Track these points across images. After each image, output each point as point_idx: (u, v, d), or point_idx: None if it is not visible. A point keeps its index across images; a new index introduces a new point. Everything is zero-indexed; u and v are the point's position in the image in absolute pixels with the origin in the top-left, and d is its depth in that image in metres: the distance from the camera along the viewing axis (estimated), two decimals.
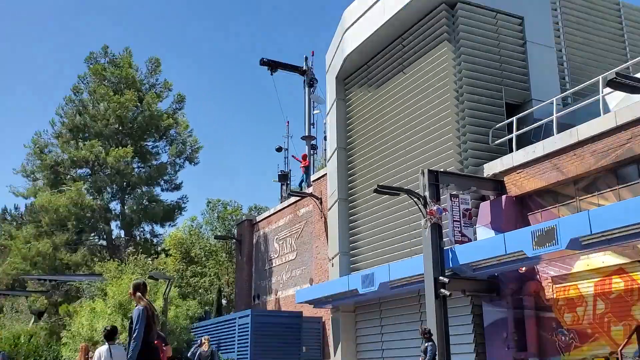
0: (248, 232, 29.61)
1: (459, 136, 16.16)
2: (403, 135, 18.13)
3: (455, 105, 16.37)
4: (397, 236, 17.78)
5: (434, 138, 16.82)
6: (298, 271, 24.79)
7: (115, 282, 24.62)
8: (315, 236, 23.32)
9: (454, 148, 16.07)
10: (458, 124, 16.23)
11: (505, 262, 13.06)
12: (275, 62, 33.07)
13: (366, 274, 16.89)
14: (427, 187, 14.18)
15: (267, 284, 27.35)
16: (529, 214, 14.50)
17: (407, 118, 18.03)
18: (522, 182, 14.50)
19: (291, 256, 25.51)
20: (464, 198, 14.86)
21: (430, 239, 13.84)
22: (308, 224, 24.39)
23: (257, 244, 28.94)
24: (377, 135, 19.36)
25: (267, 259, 27.72)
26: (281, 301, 25.79)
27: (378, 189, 14.63)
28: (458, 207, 14.66)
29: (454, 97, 16.41)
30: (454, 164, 15.83)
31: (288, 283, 25.46)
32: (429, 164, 16.32)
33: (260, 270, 28.29)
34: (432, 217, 13.85)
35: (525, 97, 16.94)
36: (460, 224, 14.55)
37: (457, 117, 16.29)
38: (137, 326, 7.40)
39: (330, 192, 21.31)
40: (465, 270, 14.03)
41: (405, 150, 17.98)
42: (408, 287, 15.95)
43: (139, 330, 7.39)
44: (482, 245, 13.53)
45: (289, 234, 25.90)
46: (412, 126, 17.80)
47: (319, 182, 23.57)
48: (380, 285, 16.19)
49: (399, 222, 17.77)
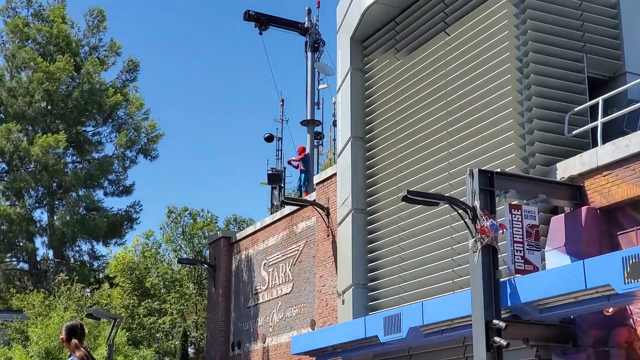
0: (225, 255, 29.69)
1: (523, 123, 16.16)
2: (444, 122, 18.15)
3: (518, 80, 16.36)
4: (434, 263, 17.79)
5: (486, 126, 16.82)
6: (295, 310, 24.84)
7: (41, 322, 24.77)
8: (319, 262, 23.38)
9: (515, 140, 16.07)
10: (521, 107, 16.23)
11: (586, 301, 13.03)
12: (266, 17, 33.15)
13: (390, 315, 16.87)
14: (478, 194, 14.17)
15: (251, 326, 27.42)
16: (619, 234, 14.48)
17: (450, 97, 18.04)
18: (611, 189, 14.49)
19: (285, 289, 25.57)
20: (528, 210, 14.86)
21: (480, 267, 13.82)
22: (309, 244, 24.44)
23: (238, 271, 29.01)
24: (408, 121, 19.38)
25: (251, 293, 27.78)
26: (271, 351, 25.85)
27: (408, 196, 14.63)
28: (520, 222, 14.65)
29: (516, 69, 16.41)
30: (515, 163, 15.83)
31: (281, 326, 25.52)
32: (479, 162, 16.33)
33: (241, 307, 28.36)
34: (484, 237, 13.84)
35: (616, 70, 16.92)
36: (523, 246, 14.54)
37: (520, 96, 16.28)
38: None
39: (342, 200, 21.36)
40: (529, 311, 14.01)
41: (446, 142, 17.98)
42: (449, 334, 15.93)
43: None
44: (553, 276, 13.50)
45: (283, 258, 25.95)
46: (455, 109, 17.81)
47: (325, 186, 23.62)
48: (410, 331, 16.18)
49: (437, 244, 17.78)
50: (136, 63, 40.68)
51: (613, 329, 14.19)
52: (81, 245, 39.57)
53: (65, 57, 36.96)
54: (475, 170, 14.44)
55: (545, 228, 15.23)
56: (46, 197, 37.85)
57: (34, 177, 36.12)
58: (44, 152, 34.94)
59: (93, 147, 39.52)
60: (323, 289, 22.83)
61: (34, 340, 23.82)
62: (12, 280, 39.48)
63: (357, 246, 20.38)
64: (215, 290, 29.73)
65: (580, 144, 16.00)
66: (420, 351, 18.38)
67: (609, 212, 14.69)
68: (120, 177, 39.92)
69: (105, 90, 38.45)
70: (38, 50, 38.50)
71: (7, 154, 36.31)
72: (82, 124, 39.36)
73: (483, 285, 13.77)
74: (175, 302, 36.57)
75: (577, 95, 16.47)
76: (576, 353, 14.35)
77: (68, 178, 36.85)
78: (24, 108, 36.75)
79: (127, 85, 40.54)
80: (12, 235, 36.48)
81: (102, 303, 31.05)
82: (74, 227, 36.36)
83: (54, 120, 37.92)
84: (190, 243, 39.62)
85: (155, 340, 34.11)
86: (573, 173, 15.17)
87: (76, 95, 37.34)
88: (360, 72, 21.53)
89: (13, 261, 40.79)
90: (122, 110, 39.71)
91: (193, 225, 40.00)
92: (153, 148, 39.97)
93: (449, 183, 17.41)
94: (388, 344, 17.39)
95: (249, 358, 26.97)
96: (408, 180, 18.84)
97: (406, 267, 18.75)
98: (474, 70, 17.43)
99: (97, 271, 41.12)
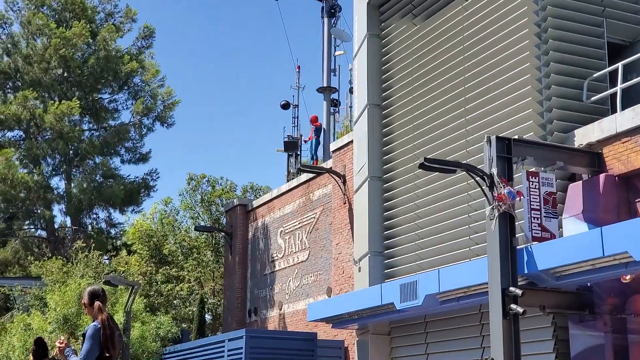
0: (241, 223, 29.85)
1: (541, 90, 16.07)
2: (461, 88, 18.08)
3: (536, 46, 16.25)
4: (451, 230, 17.83)
5: (504, 93, 16.75)
6: (311, 277, 24.99)
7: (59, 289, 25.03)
8: (335, 229, 23.46)
9: (533, 107, 16.00)
10: (539, 73, 16.14)
11: (603, 268, 13.04)
12: None
13: (407, 282, 16.96)
14: (495, 160, 14.16)
15: (267, 294, 27.61)
16: (637, 201, 14.44)
17: (467, 63, 17.95)
18: (630, 156, 14.42)
19: (302, 256, 25.71)
20: (546, 177, 14.83)
21: (497, 234, 13.85)
22: (325, 212, 24.52)
23: (254, 239, 29.17)
24: (424, 88, 19.32)
25: (267, 260, 27.95)
26: (287, 318, 26.05)
27: (425, 163, 14.64)
28: (538, 190, 14.64)
29: (534, 34, 16.29)
30: (533, 129, 15.77)
31: (297, 294, 25.69)
32: (497, 129, 16.28)
33: (258, 275, 28.55)
34: (501, 204, 13.84)
35: (636, 35, 16.80)
36: (540, 213, 14.54)
37: (538, 62, 16.18)
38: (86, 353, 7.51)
39: (358, 168, 21.38)
40: (546, 278, 14.04)
41: (463, 109, 17.93)
42: (465, 302, 16.01)
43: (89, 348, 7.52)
44: (570, 243, 13.51)
45: (299, 226, 26.06)
46: (473, 75, 17.72)
47: (341, 153, 23.63)
48: (426, 298, 16.27)
49: (454, 211, 17.80)
50: (152, 30, 40.62)
51: (630, 296, 14.21)
52: (98, 212, 39.85)
53: (80, 24, 36.91)
54: (492, 137, 14.41)
55: (562, 195, 15.21)
56: (63, 164, 38.04)
57: (50, 144, 36.27)
58: (58, 119, 35.03)
59: (109, 115, 39.62)
60: (339, 256, 22.93)
61: (52, 306, 24.10)
62: (30, 248, 39.89)
63: (373, 214, 20.43)
64: (232, 257, 29.92)
65: (599, 110, 15.92)
66: (436, 318, 18.48)
67: (627, 179, 14.64)
68: (137, 144, 40.04)
69: (121, 57, 38.44)
70: (53, 17, 38.50)
71: (23, 122, 36.47)
72: (98, 91, 39.43)
73: (500, 253, 13.81)
74: (192, 269, 36.86)
75: (597, 61, 16.35)
76: (593, 320, 14.40)
77: (84, 145, 36.98)
78: (40, 75, 36.82)
79: (142, 52, 40.52)
80: (30, 203, 36.75)
81: (119, 270, 31.34)
82: (91, 194, 36.56)
83: (70, 87, 38.00)
84: (209, 211, 39.80)
85: (172, 307, 34.44)
86: (591, 140, 15.10)
87: (92, 62, 37.37)
88: (377, 38, 21.44)
89: (31, 229, 41.21)
90: (138, 78, 39.73)
91: (212, 192, 40.14)
92: (169, 115, 40.01)
93: (466, 150, 17.39)
94: (404, 311, 17.49)
95: (266, 325, 27.21)
96: (425, 147, 18.82)
97: (422, 234, 18.80)
98: (492, 35, 17.31)
99: (114, 238, 41.46)
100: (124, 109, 40.10)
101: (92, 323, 7.83)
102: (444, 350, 18.30)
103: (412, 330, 19.35)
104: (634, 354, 14.09)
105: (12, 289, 31.22)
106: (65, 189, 38.08)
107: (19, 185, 35.36)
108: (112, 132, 38.46)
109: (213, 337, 26.77)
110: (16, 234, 39.47)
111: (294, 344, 22.15)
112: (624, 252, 12.32)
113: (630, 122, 14.39)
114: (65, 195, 37.67)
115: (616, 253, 12.49)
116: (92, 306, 7.83)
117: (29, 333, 24.39)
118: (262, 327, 27.17)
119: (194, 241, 38.45)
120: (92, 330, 7.68)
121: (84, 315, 22.81)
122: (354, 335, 21.45)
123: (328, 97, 32.16)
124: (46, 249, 38.65)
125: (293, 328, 25.26)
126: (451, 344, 18.07)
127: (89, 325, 7.84)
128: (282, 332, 25.04)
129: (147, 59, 40.24)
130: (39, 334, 23.46)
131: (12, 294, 31.52)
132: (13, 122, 36.55)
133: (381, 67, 21.15)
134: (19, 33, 38.63)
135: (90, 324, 7.87)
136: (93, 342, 7.61)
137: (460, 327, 17.80)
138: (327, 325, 21.88)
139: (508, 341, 13.56)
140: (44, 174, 37.39)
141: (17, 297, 30.93)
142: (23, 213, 37.93)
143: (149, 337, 24.48)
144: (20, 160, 37.20)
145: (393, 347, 20.13)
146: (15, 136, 38.65)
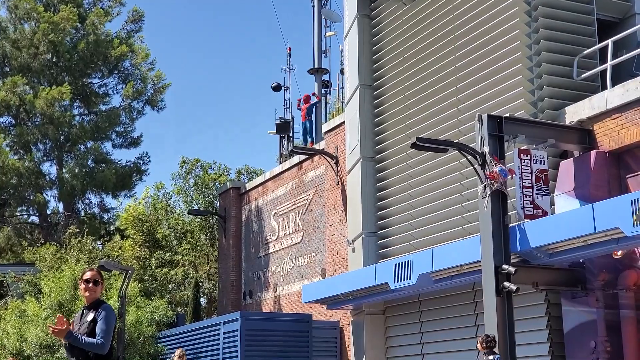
0: (235, 205, 29.91)
1: (531, 67, 16.16)
2: (452, 67, 18.15)
3: (526, 24, 16.32)
4: (444, 210, 17.95)
5: (495, 71, 16.83)
6: (305, 259, 25.11)
7: (53, 275, 25.09)
8: (329, 210, 23.56)
9: (524, 85, 16.10)
10: (529, 50, 16.22)
11: (595, 244, 13.18)
12: None
13: (400, 262, 17.10)
14: (487, 139, 14.27)
15: (262, 276, 27.74)
16: (628, 177, 14.58)
17: (458, 42, 18.01)
18: (620, 132, 14.54)
19: (296, 238, 25.81)
20: (537, 155, 14.93)
21: (490, 212, 13.98)
22: (319, 193, 24.60)
23: (248, 222, 29.26)
24: (416, 68, 19.38)
25: (261, 243, 28.05)
26: (282, 300, 26.19)
27: (417, 143, 14.73)
28: (529, 167, 14.75)
29: (524, 12, 16.36)
30: (524, 107, 15.88)
31: (291, 275, 25.82)
32: (488, 107, 16.38)
33: (252, 257, 28.66)
34: (493, 182, 13.96)
35: (626, 11, 16.86)
36: (532, 191, 14.66)
37: (528, 40, 16.26)
38: (105, 333, 7.07)
39: (351, 149, 21.45)
40: (539, 255, 14.19)
41: (455, 88, 18.01)
42: (458, 280, 16.18)
43: (108, 329, 7.12)
44: (562, 220, 13.64)
45: (292, 208, 26.15)
46: (464, 54, 17.79)
47: (333, 134, 23.70)
48: (419, 277, 16.42)
49: (447, 190, 17.91)
50: (141, 13, 40.38)
51: (622, 271, 14.36)
52: (91, 197, 39.76)
53: (68, 7, 36.72)
54: (484, 116, 14.52)
55: (554, 172, 15.33)
56: (54, 150, 37.94)
57: (41, 130, 36.19)
58: (48, 104, 34.93)
59: (100, 99, 39.47)
60: (333, 237, 23.05)
61: (47, 292, 24.17)
62: (23, 234, 39.88)
63: (366, 194, 20.53)
64: (226, 240, 30.01)
65: (590, 87, 16.01)
66: (430, 297, 18.66)
67: (618, 155, 14.76)
68: (128, 128, 39.91)
69: (110, 42, 38.25)
70: (41, 0, 38.28)
71: (13, 108, 36.37)
72: (88, 76, 39.24)
73: (492, 231, 13.94)
74: (186, 253, 36.93)
75: (586, 38, 16.43)
76: (585, 296, 14.55)
77: (75, 130, 36.89)
78: (29, 60, 36.66)
79: (132, 35, 40.29)
80: (22, 189, 36.69)
81: (113, 255, 31.40)
82: (82, 179, 36.47)
83: (60, 72, 37.81)
84: (202, 194, 39.81)
85: (167, 291, 34.53)
86: (582, 117, 15.21)
87: (81, 46, 37.19)
88: (367, 18, 21.44)
89: (24, 215, 41.18)
90: (128, 61, 39.53)
91: (205, 176, 40.13)
92: (160, 99, 39.85)
93: (458, 129, 17.48)
94: (398, 291, 17.65)
95: (261, 307, 27.33)
96: (417, 127, 18.91)
97: (415, 214, 18.91)
98: (482, 14, 17.36)
99: (107, 223, 41.42)
100: (114, 93, 39.96)
101: (101, 303, 7.34)
102: (438, 329, 18.47)
103: (407, 310, 19.51)
104: (625, 329, 14.26)
105: (6, 275, 31.27)
106: (57, 174, 38.01)
107: (10, 171, 35.29)
108: (103, 117, 38.31)
109: (209, 320, 26.91)
110: (8, 220, 39.44)
111: (290, 325, 22.28)
112: (615, 227, 12.46)
113: (620, 98, 14.49)
114: (57, 181, 37.60)
115: (607, 229, 12.64)
116: (102, 286, 7.44)
117: (23, 320, 24.48)
118: (257, 310, 27.29)
119: (187, 225, 38.50)
120: (110, 311, 7.23)
121: (78, 301, 22.90)
122: (349, 316, 21.61)
123: (319, 78, 32.13)
124: (39, 235, 38.67)
125: (288, 310, 25.39)
126: (445, 322, 18.24)
127: (104, 305, 7.31)
128: (277, 314, 25.19)
129: (136, 43, 40.04)
130: (33, 321, 23.59)
131: (5, 281, 31.57)
132: (2, 108, 36.44)
133: (372, 47, 21.16)
134: (6, 18, 38.39)
135: (99, 303, 7.32)
136: (112, 323, 7.18)
137: (454, 306, 17.97)
138: (322, 307, 22.02)
139: (501, 318, 13.73)
140: (35, 160, 37.29)
141: (10, 284, 30.99)
142: (15, 199, 37.87)
143: (145, 322, 24.55)
144: (11, 147, 37.10)
145: (388, 326, 20.30)
146: (5, 122, 38.55)
